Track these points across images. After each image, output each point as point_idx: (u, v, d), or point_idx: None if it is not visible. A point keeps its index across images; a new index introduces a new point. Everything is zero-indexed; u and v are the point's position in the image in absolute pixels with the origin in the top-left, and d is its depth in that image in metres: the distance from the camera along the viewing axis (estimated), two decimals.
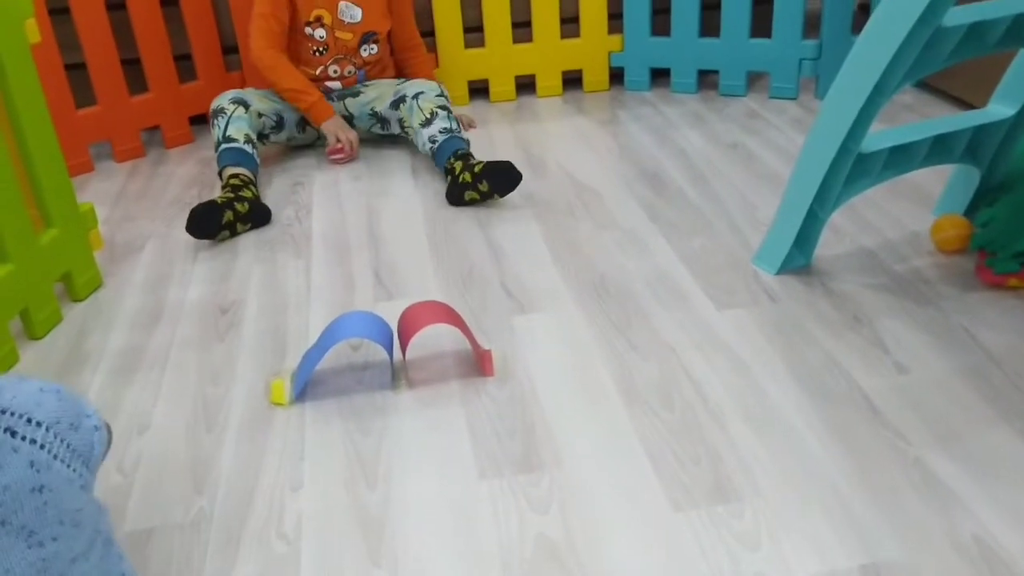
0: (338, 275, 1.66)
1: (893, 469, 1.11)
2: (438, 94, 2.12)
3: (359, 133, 2.22)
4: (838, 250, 1.62)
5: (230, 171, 1.94)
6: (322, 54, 2.17)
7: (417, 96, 2.10)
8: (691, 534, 1.03)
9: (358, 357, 1.40)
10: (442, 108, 2.08)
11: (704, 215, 1.80)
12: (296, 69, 2.13)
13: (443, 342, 1.41)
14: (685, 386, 1.29)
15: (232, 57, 2.37)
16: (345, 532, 1.08)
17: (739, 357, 1.34)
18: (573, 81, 2.57)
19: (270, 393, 1.32)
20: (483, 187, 1.87)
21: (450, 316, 1.35)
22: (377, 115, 2.19)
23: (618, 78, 2.57)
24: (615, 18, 2.48)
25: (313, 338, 1.42)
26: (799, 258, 1.57)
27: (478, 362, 1.36)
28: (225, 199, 1.82)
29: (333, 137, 2.14)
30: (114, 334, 1.52)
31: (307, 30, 2.14)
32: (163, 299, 1.62)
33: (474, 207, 1.90)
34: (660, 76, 2.55)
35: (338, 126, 2.15)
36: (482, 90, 2.55)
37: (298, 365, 1.36)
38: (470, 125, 2.34)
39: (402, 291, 1.59)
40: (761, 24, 2.37)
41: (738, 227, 1.74)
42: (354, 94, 2.22)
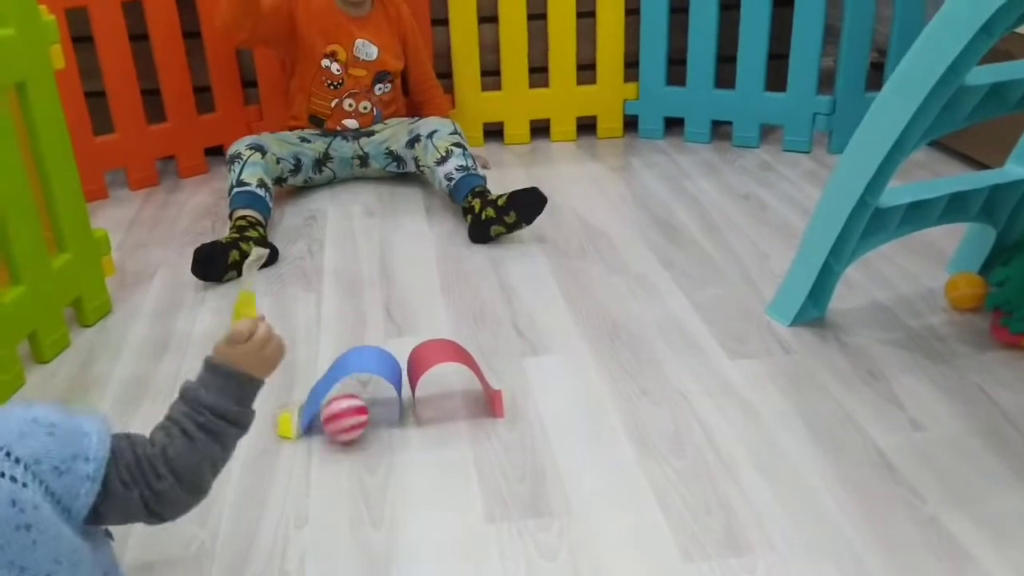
0: (348, 310, 1.66)
1: (908, 527, 1.09)
2: (452, 132, 2.13)
3: (376, 172, 2.23)
4: (852, 304, 1.61)
5: (239, 213, 1.93)
6: (337, 88, 2.18)
7: (432, 135, 2.12)
8: None
9: (366, 393, 1.39)
10: (457, 146, 2.08)
11: (716, 264, 1.79)
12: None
13: (452, 381, 1.40)
14: (697, 434, 1.27)
15: (251, 91, 2.39)
16: (349, 571, 1.06)
17: (752, 407, 1.33)
18: (587, 127, 2.58)
19: (277, 426, 1.31)
20: (509, 219, 1.86)
21: (461, 355, 1.34)
22: (393, 154, 2.20)
23: (632, 126, 2.58)
24: (631, 66, 2.50)
25: (321, 372, 1.41)
26: (813, 310, 1.56)
27: (488, 403, 1.35)
28: (230, 239, 1.81)
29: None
30: (121, 362, 1.51)
31: (324, 62, 2.16)
32: (172, 329, 1.61)
33: (487, 246, 1.90)
34: (674, 125, 2.56)
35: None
36: (497, 132, 2.56)
37: (306, 399, 1.35)
38: (484, 166, 2.35)
39: (413, 328, 1.58)
40: (776, 78, 2.39)
41: (750, 277, 1.73)
42: (368, 134, 2.23)
